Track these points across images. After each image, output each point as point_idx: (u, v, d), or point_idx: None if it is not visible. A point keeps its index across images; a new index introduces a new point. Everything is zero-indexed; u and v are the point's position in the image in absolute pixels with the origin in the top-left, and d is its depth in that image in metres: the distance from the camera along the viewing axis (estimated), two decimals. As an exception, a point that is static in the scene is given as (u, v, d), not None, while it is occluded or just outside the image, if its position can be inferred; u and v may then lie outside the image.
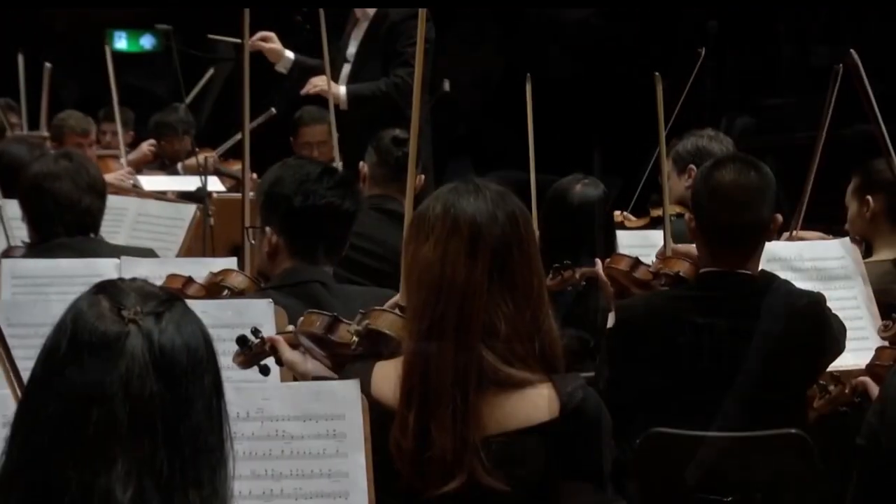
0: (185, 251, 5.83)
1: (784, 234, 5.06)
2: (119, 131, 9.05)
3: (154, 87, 10.37)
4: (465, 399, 2.79)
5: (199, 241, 6.20)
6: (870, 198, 5.06)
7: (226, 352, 3.34)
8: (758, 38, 11.93)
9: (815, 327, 4.12)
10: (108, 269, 4.32)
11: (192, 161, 8.35)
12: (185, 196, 7.30)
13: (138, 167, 9.02)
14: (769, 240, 4.25)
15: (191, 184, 7.70)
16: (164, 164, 9.74)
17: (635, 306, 4.24)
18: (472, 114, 11.14)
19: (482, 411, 2.81)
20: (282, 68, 7.15)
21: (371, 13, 7.11)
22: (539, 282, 2.90)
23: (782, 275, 4.43)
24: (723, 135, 6.10)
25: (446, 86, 7.57)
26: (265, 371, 3.37)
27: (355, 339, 3.25)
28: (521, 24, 12.47)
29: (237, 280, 4.24)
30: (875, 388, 3.80)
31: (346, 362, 3.22)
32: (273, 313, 3.72)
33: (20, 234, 5.11)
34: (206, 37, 8.11)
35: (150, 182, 8.18)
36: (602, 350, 4.37)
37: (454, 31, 8.30)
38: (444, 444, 2.78)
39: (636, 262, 4.62)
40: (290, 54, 7.13)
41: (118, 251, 4.64)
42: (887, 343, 4.29)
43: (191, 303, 2.06)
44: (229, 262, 4.56)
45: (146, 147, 9.58)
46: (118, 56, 9.74)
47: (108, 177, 7.44)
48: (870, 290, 4.81)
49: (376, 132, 5.73)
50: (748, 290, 4.10)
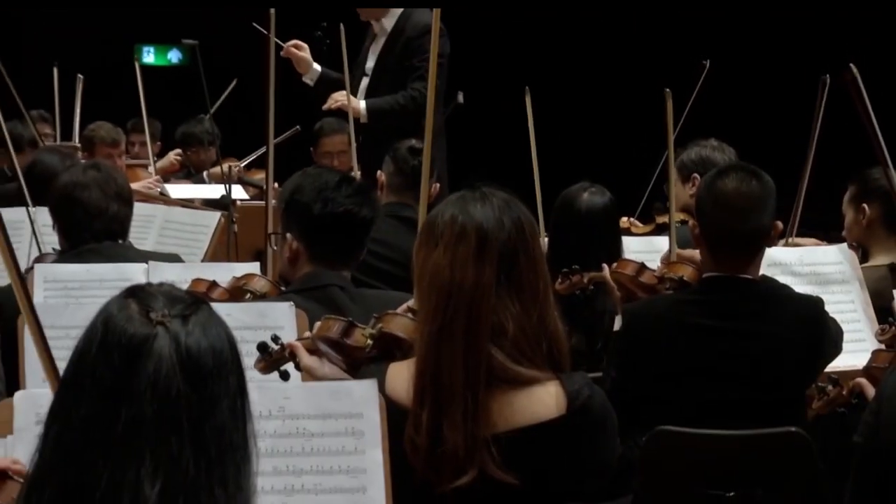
0: (211, 256, 5.83)
1: (780, 240, 5.05)
2: (147, 142, 9.07)
3: (180, 100, 10.36)
4: (475, 397, 2.80)
5: (223, 247, 6.21)
6: (866, 206, 5.05)
7: (249, 353, 3.34)
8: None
9: (814, 330, 4.11)
10: (136, 273, 4.33)
11: (216, 170, 8.35)
12: (210, 204, 7.31)
13: (165, 176, 9.04)
14: (769, 246, 4.24)
15: (216, 192, 7.71)
16: (191, 173, 9.75)
17: (641, 309, 4.24)
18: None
19: (492, 408, 2.81)
20: (308, 80, 7.15)
21: (389, 29, 7.12)
22: (544, 284, 2.91)
23: (782, 279, 4.42)
24: (726, 145, 6.09)
25: (460, 98, 7.56)
26: (285, 376, 3.36)
27: (370, 342, 3.25)
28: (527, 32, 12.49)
29: (259, 284, 4.25)
30: (871, 390, 3.79)
31: (361, 365, 3.22)
32: (294, 316, 3.72)
33: (51, 240, 5.12)
34: (230, 52, 8.13)
35: (177, 190, 8.19)
36: (609, 351, 4.37)
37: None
38: (456, 441, 2.78)
39: (642, 266, 4.62)
40: (317, 67, 7.14)
41: (145, 256, 4.64)
42: (883, 346, 4.29)
43: (215, 305, 2.06)
44: (252, 267, 4.56)
45: (173, 156, 9.60)
46: (147, 70, 9.75)
47: (136, 185, 7.46)
48: (867, 294, 4.80)
49: (393, 143, 5.73)
50: (749, 293, 4.09)
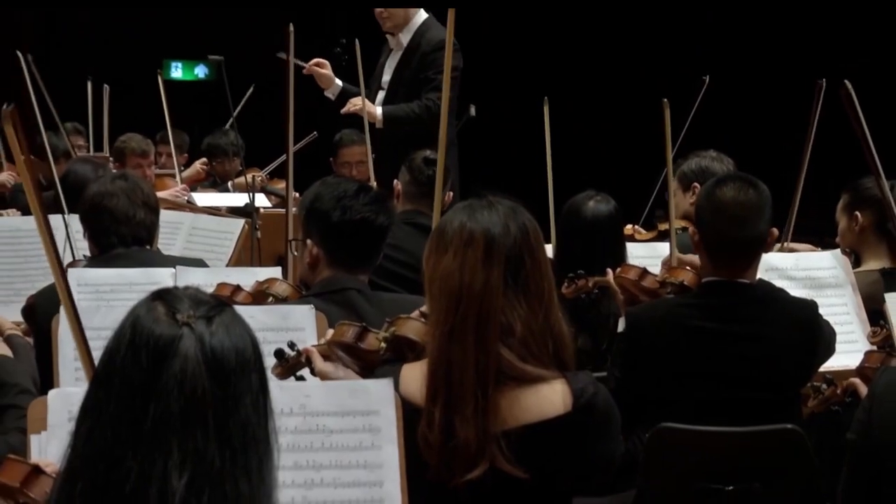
0: (235, 261, 5.83)
1: (776, 245, 5.05)
2: (173, 153, 9.08)
3: (207, 113, 10.39)
4: (485, 395, 2.80)
5: (247, 252, 6.21)
6: (858, 213, 5.04)
7: (270, 353, 3.35)
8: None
9: (809, 332, 4.10)
10: (164, 277, 4.33)
11: (241, 180, 8.37)
12: (234, 211, 7.31)
13: (192, 184, 9.05)
14: (766, 251, 4.23)
15: (240, 200, 7.72)
16: (216, 182, 9.76)
17: (643, 312, 4.23)
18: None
19: (501, 405, 2.82)
20: (330, 94, 7.17)
21: (405, 44, 7.15)
22: (549, 286, 2.91)
23: (778, 283, 4.42)
24: (724, 155, 6.09)
25: (472, 111, 7.57)
26: (301, 380, 3.37)
27: (383, 345, 3.26)
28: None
29: (281, 288, 4.25)
30: (864, 388, 3.79)
31: (375, 367, 3.23)
32: (314, 318, 3.72)
33: (83, 246, 5.14)
34: (253, 66, 8.15)
35: (203, 199, 8.20)
36: (613, 352, 4.37)
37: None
38: (468, 437, 2.79)
39: (644, 272, 4.62)
40: (339, 82, 7.16)
41: (172, 261, 4.64)
42: (875, 347, 4.28)
43: (239, 308, 2.07)
44: (274, 272, 4.56)
45: (199, 165, 9.61)
46: (175, 84, 9.77)
47: (164, 193, 7.48)
48: (859, 297, 4.80)
49: (409, 153, 5.74)
50: (747, 297, 4.08)
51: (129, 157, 8.67)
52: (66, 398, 2.79)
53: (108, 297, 4.28)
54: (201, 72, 14.05)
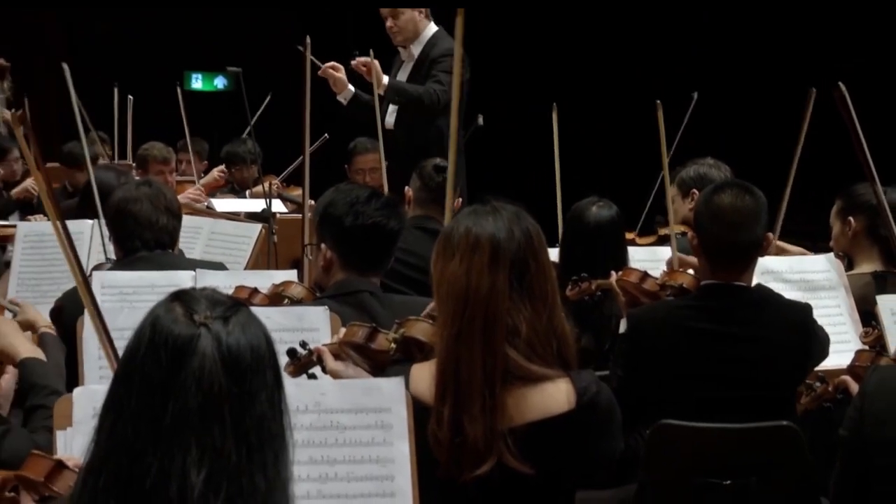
0: (252, 264, 5.83)
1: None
2: (192, 160, 9.10)
3: (225, 122, 10.40)
4: (492, 394, 2.79)
5: (264, 256, 6.20)
6: (851, 219, 5.03)
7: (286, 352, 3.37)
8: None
9: (803, 334, 4.09)
10: (185, 280, 4.32)
11: (259, 189, 8.38)
12: (252, 217, 7.31)
13: (211, 190, 9.06)
14: (762, 255, 4.23)
15: (257, 206, 7.72)
16: (235, 189, 9.78)
17: (644, 314, 4.22)
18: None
19: (508, 403, 2.81)
20: (342, 98, 7.18)
21: (416, 55, 7.17)
22: (552, 288, 2.90)
23: (774, 286, 4.41)
24: (721, 162, 6.08)
25: (480, 120, 7.56)
26: (312, 379, 3.37)
27: (393, 346, 3.26)
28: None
29: (296, 290, 4.25)
30: (855, 386, 3.79)
31: (384, 366, 3.23)
32: (328, 319, 3.71)
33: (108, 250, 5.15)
34: (270, 77, 8.16)
35: (223, 204, 8.21)
36: (615, 352, 4.36)
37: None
38: (476, 434, 2.78)
39: (645, 275, 4.61)
40: (351, 87, 7.17)
41: (193, 264, 4.63)
42: (867, 347, 4.27)
43: (258, 310, 2.07)
44: (290, 275, 4.56)
45: (216, 172, 9.62)
46: (195, 94, 9.78)
47: (182, 196, 7.48)
48: (852, 299, 4.79)
49: (419, 161, 5.75)
50: (744, 300, 4.08)
51: (152, 165, 8.71)
52: (91, 395, 2.79)
53: (131, 298, 4.28)
54: (220, 83, 14.08)
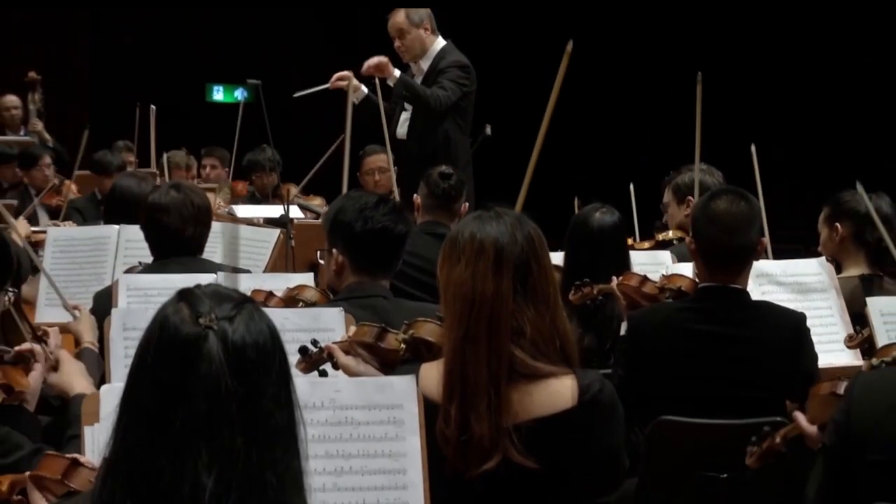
0: (271, 267, 5.83)
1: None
2: (218, 165, 9.13)
3: (246, 132, 10.41)
4: (497, 392, 2.79)
5: (282, 260, 6.21)
6: (838, 225, 5.04)
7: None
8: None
9: (797, 340, 4.07)
10: (206, 281, 4.31)
11: (276, 197, 8.44)
12: (271, 222, 7.33)
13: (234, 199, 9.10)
14: (757, 259, 4.23)
15: (276, 212, 7.74)
16: (255, 197, 9.82)
17: (644, 316, 4.22)
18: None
19: (513, 400, 2.81)
20: (354, 99, 7.21)
21: (425, 69, 7.19)
22: (554, 289, 2.90)
23: (768, 288, 4.42)
24: (714, 168, 6.08)
25: (488, 130, 7.57)
26: (323, 374, 3.37)
27: (403, 346, 3.26)
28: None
29: (310, 294, 4.24)
30: (812, 430, 3.18)
31: (395, 365, 3.23)
32: (343, 319, 3.71)
33: (135, 254, 5.17)
34: (287, 89, 8.17)
35: (243, 210, 8.23)
36: (616, 352, 4.36)
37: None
38: (482, 431, 2.78)
39: (644, 279, 4.62)
40: (364, 89, 7.20)
41: (218, 268, 4.64)
42: (857, 350, 4.22)
43: (278, 311, 2.06)
44: (307, 278, 4.56)
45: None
46: (217, 106, 9.81)
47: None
48: (842, 301, 4.78)
49: (427, 169, 5.77)
50: (740, 302, 4.08)
51: (174, 171, 8.78)
52: (117, 393, 2.77)
53: (155, 300, 4.27)
54: (241, 94, 14.11)
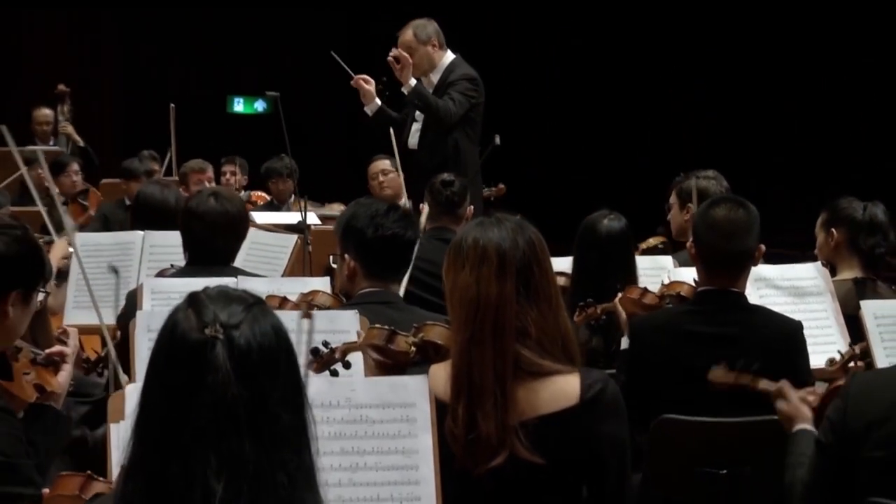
0: (289, 272, 5.85)
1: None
2: (237, 171, 9.18)
3: (265, 142, 10.46)
4: (503, 391, 2.79)
5: (299, 264, 6.22)
6: (834, 230, 5.05)
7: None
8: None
9: (793, 346, 4.07)
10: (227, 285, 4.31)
11: (294, 204, 8.49)
12: (289, 228, 7.34)
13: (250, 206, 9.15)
14: (755, 264, 4.23)
15: (294, 218, 7.75)
16: (273, 204, 9.87)
17: (645, 320, 4.23)
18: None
19: (520, 398, 2.80)
20: (368, 110, 7.25)
21: (435, 82, 7.19)
22: (555, 291, 2.90)
23: (766, 292, 4.41)
24: (721, 176, 6.05)
25: (497, 140, 7.58)
26: (334, 374, 3.38)
27: (413, 348, 3.26)
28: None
29: (323, 299, 4.23)
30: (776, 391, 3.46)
31: (405, 367, 3.23)
32: (357, 322, 3.72)
33: (161, 258, 5.20)
34: (305, 101, 8.23)
35: (262, 217, 8.25)
36: (619, 360, 4.36)
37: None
38: (489, 430, 2.77)
39: (644, 290, 4.62)
40: (378, 101, 7.24)
41: (240, 275, 4.64)
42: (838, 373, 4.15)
43: (295, 314, 2.03)
44: (323, 282, 4.55)
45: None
46: (237, 117, 9.84)
47: None
48: (837, 304, 4.78)
49: (433, 177, 5.84)
50: (738, 305, 4.08)
51: (191, 176, 8.89)
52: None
53: (177, 303, 4.28)
54: (260, 106, 14.13)
